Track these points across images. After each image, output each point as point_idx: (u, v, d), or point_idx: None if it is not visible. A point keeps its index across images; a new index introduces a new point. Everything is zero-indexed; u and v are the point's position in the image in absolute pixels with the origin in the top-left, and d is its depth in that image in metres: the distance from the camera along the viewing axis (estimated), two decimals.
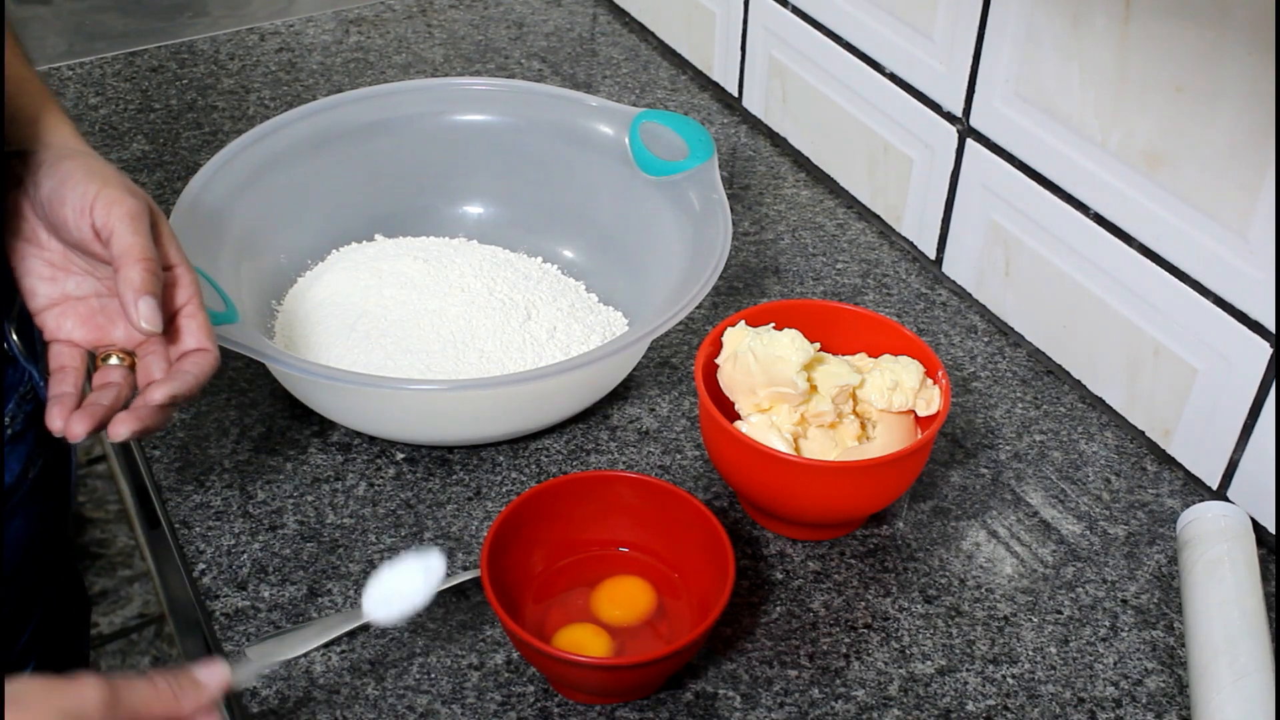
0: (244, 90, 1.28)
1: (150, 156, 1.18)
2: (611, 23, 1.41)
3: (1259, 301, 0.80)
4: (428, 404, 0.84)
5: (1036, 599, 0.81)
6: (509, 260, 1.01)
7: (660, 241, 0.96)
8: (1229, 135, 0.78)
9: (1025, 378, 0.97)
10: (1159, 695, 0.75)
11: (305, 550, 0.82)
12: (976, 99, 0.97)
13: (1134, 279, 0.88)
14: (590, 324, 0.96)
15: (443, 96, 1.04)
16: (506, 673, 0.75)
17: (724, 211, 0.91)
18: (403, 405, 0.84)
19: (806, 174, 1.19)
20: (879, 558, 0.83)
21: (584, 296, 1.00)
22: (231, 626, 0.77)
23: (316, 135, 1.00)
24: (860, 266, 1.08)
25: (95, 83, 1.28)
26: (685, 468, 0.89)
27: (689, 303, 0.84)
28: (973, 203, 1.01)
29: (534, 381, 0.82)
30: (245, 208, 0.94)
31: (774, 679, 0.75)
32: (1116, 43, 0.83)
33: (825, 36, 1.11)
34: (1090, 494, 0.88)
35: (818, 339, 0.84)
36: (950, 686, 0.75)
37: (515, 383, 0.82)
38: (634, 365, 0.94)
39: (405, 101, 1.04)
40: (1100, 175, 0.88)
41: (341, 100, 1.02)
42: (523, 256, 1.02)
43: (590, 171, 1.02)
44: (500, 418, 0.87)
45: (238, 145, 0.96)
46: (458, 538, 0.83)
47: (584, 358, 0.82)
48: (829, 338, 0.86)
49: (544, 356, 0.92)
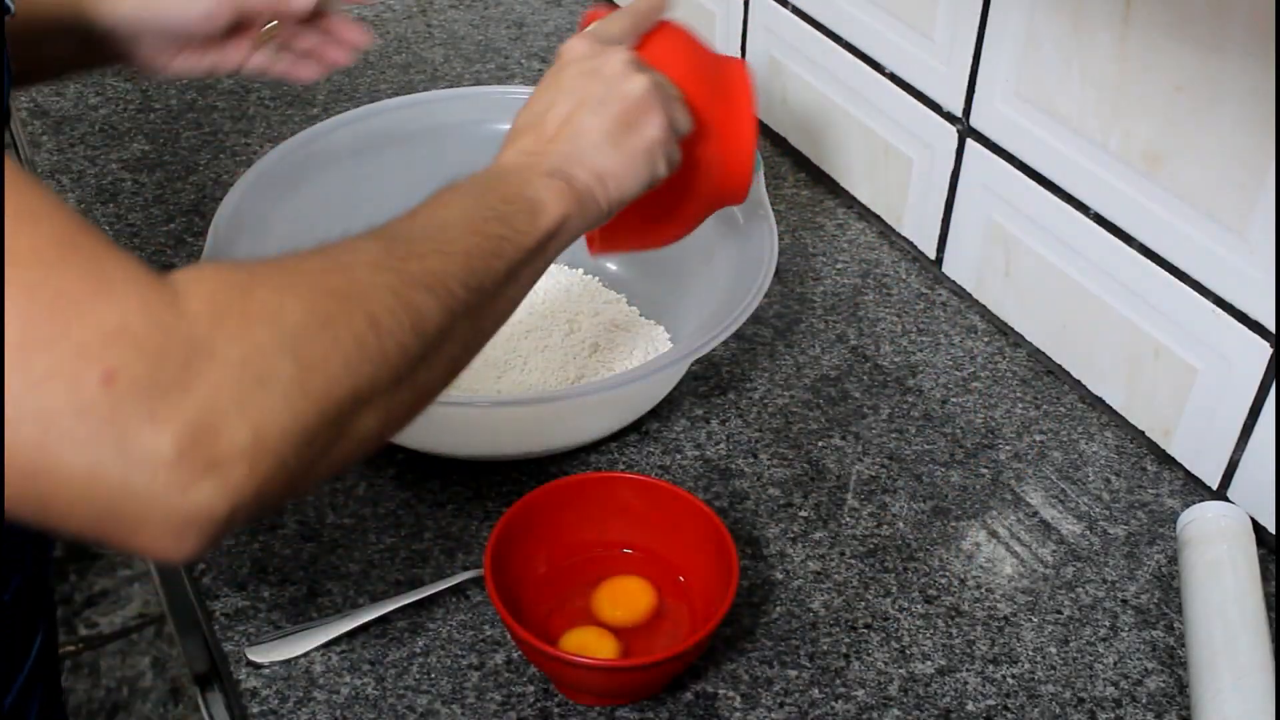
0: (244, 90, 1.28)
1: (150, 156, 1.18)
2: None
3: (1259, 301, 0.80)
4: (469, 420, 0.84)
5: (1036, 599, 0.81)
6: (550, 272, 1.00)
7: (703, 256, 0.94)
8: (1229, 135, 0.78)
9: (1025, 378, 0.97)
10: (1159, 695, 0.75)
11: (305, 550, 0.82)
12: (976, 99, 0.97)
13: (1134, 279, 0.88)
14: (632, 339, 0.96)
15: (485, 105, 1.03)
16: (506, 673, 0.75)
17: (770, 227, 0.90)
18: (446, 422, 0.84)
19: (806, 174, 1.19)
20: (879, 558, 0.83)
21: (625, 310, 1.00)
22: (231, 626, 0.77)
23: (357, 143, 0.99)
24: (860, 266, 1.08)
25: (95, 83, 1.28)
26: (685, 468, 0.89)
27: (734, 321, 0.82)
28: (973, 203, 1.01)
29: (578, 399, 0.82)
30: (286, 215, 0.93)
31: (774, 679, 0.75)
32: (1116, 43, 0.83)
33: (825, 36, 1.11)
34: (1090, 494, 0.88)
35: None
36: (950, 686, 0.75)
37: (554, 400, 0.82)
38: (676, 383, 0.92)
39: (447, 110, 1.03)
40: (1100, 175, 0.88)
41: (383, 108, 1.02)
42: (564, 268, 1.02)
43: None
44: (541, 434, 0.86)
45: (279, 153, 0.95)
46: (458, 538, 0.83)
47: (628, 375, 0.81)
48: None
49: (586, 372, 0.92)
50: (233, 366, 0.45)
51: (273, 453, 0.46)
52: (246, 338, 0.46)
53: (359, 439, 0.51)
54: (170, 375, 0.44)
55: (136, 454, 0.43)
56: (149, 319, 0.44)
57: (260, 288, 0.49)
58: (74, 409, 0.42)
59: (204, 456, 0.44)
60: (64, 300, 0.43)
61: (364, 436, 0.51)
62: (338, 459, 0.50)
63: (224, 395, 0.45)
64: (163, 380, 0.43)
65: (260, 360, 0.46)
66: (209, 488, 0.44)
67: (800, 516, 0.85)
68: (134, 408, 0.43)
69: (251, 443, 0.45)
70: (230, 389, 0.45)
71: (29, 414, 0.42)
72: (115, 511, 0.44)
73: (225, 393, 0.45)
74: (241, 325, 0.46)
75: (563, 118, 0.69)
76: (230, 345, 0.46)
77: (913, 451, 0.91)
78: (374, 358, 0.51)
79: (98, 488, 0.43)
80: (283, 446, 0.46)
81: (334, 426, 0.49)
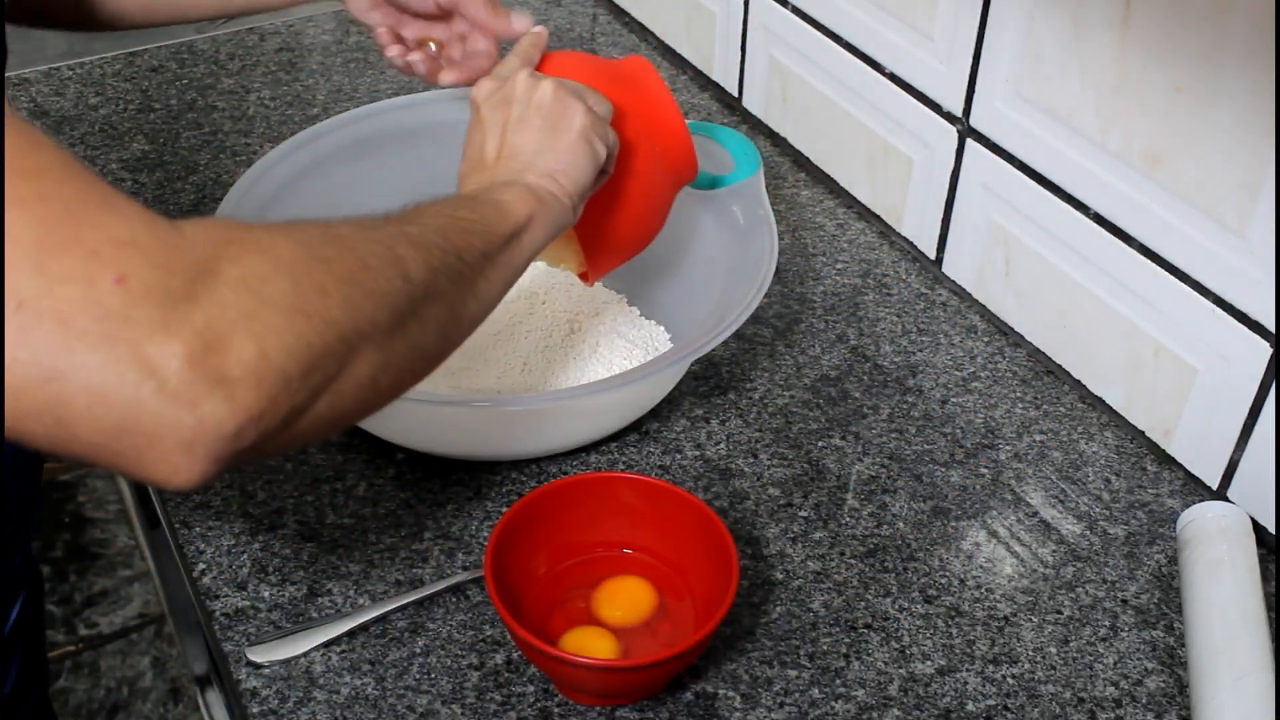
0: (244, 90, 1.28)
1: (150, 156, 1.18)
2: (611, 23, 1.41)
3: (1259, 301, 0.80)
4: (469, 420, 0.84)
5: (1036, 599, 0.81)
6: (550, 271, 1.00)
7: (703, 256, 0.95)
8: (1229, 135, 0.78)
9: (1025, 378, 0.97)
10: (1159, 695, 0.75)
11: (305, 550, 0.82)
12: (976, 99, 0.97)
13: (1134, 279, 0.88)
14: (633, 339, 0.96)
15: None
16: (506, 673, 0.75)
17: (770, 227, 0.90)
18: (447, 422, 0.84)
19: (806, 174, 1.19)
20: (879, 558, 0.83)
21: (626, 310, 1.00)
22: (231, 626, 0.77)
23: (359, 142, 0.99)
24: (860, 266, 1.08)
25: (95, 83, 1.28)
26: (685, 468, 0.89)
27: (734, 321, 0.82)
28: (973, 203, 1.01)
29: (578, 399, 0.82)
30: (286, 215, 0.92)
31: (774, 679, 0.75)
32: (1116, 43, 0.83)
33: (825, 36, 1.11)
34: (1090, 494, 0.88)
35: None
36: (950, 686, 0.75)
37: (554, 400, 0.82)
38: (676, 383, 0.93)
39: (447, 110, 1.03)
40: (1100, 175, 0.88)
41: (383, 108, 1.02)
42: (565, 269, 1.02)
43: None
44: (541, 434, 0.86)
45: (279, 153, 0.95)
46: (458, 538, 0.83)
47: (628, 375, 0.82)
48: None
49: (587, 372, 0.92)
50: (235, 284, 0.47)
51: (278, 370, 0.48)
52: (245, 261, 0.48)
53: (358, 380, 0.52)
54: (178, 286, 0.45)
55: (149, 362, 0.44)
56: (154, 235, 0.46)
57: (254, 229, 0.51)
58: (91, 307, 0.43)
59: (213, 369, 0.45)
60: (75, 209, 0.45)
61: (363, 379, 0.53)
62: (339, 401, 0.52)
63: (229, 310, 0.46)
64: (172, 289, 0.45)
65: (260, 282, 0.48)
66: (217, 402, 0.46)
67: (800, 516, 0.85)
68: (146, 312, 0.44)
69: (257, 358, 0.47)
70: (235, 304, 0.47)
71: (47, 313, 0.43)
72: (127, 424, 0.45)
73: (230, 308, 0.47)
74: (240, 250, 0.49)
75: (496, 147, 0.74)
76: (231, 266, 0.48)
77: (913, 451, 0.91)
78: (368, 294, 0.53)
79: (111, 396, 0.44)
80: (288, 364, 0.48)
81: (334, 359, 0.51)
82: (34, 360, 0.43)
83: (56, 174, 0.45)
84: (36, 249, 0.43)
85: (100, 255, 0.44)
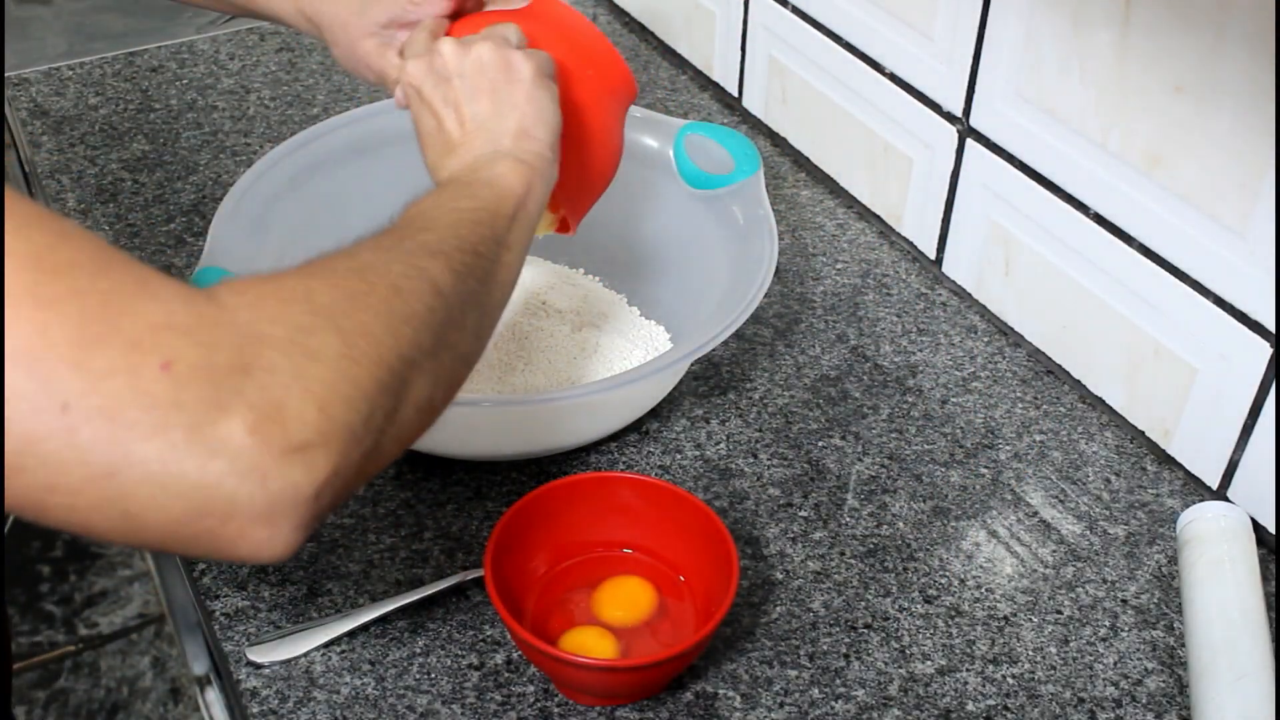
0: (244, 90, 1.28)
1: (150, 156, 1.18)
2: (611, 23, 1.41)
3: (1259, 301, 0.80)
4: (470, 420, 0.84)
5: (1036, 599, 0.81)
6: (551, 271, 1.00)
7: (703, 256, 0.94)
8: (1229, 135, 0.78)
9: (1025, 378, 0.97)
10: (1159, 695, 0.75)
11: (305, 550, 0.82)
12: (976, 99, 0.97)
13: (1134, 279, 0.88)
14: (633, 339, 0.96)
15: None
16: (506, 673, 0.75)
17: (769, 227, 0.90)
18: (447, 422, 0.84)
19: (806, 174, 1.19)
20: (879, 558, 0.83)
21: (626, 310, 1.00)
22: (231, 626, 0.77)
23: (357, 142, 0.99)
24: (860, 266, 1.08)
25: (95, 83, 1.28)
26: (685, 468, 0.89)
27: (734, 321, 0.82)
28: (973, 203, 1.01)
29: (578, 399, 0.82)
30: (286, 215, 0.93)
31: (774, 679, 0.75)
32: (1116, 43, 0.83)
33: (825, 36, 1.11)
34: (1090, 494, 0.88)
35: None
36: (950, 686, 0.75)
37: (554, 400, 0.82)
38: (676, 383, 0.92)
39: None
40: (1100, 175, 0.88)
41: (383, 108, 1.01)
42: (564, 268, 1.02)
43: (633, 183, 1.00)
44: (541, 434, 0.86)
45: (279, 153, 0.95)
46: (458, 538, 0.83)
47: (628, 375, 0.81)
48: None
49: (587, 372, 0.92)
50: (282, 345, 0.47)
51: (341, 424, 0.47)
52: (286, 318, 0.48)
53: (416, 405, 0.53)
54: (225, 360, 0.45)
55: (210, 442, 0.43)
56: (193, 313, 0.46)
57: (285, 279, 0.51)
58: (139, 398, 0.43)
59: (277, 438, 0.45)
60: (111, 300, 0.44)
61: (420, 402, 0.53)
62: (403, 429, 0.52)
63: (281, 374, 0.46)
64: (219, 365, 0.45)
65: (305, 336, 0.48)
66: (290, 469, 0.45)
67: (800, 516, 0.85)
68: (196, 393, 0.44)
69: (318, 417, 0.46)
70: (285, 366, 0.46)
71: (95, 410, 0.42)
72: (200, 506, 0.44)
73: (282, 371, 0.46)
74: (278, 307, 0.48)
75: (457, 123, 0.72)
76: (273, 326, 0.47)
77: (913, 451, 0.91)
78: (408, 319, 0.53)
79: (173, 484, 0.43)
80: (349, 416, 0.47)
81: (391, 393, 0.50)
82: (85, 460, 0.42)
83: (88, 267, 0.44)
84: (75, 347, 0.42)
85: (141, 344, 0.43)
